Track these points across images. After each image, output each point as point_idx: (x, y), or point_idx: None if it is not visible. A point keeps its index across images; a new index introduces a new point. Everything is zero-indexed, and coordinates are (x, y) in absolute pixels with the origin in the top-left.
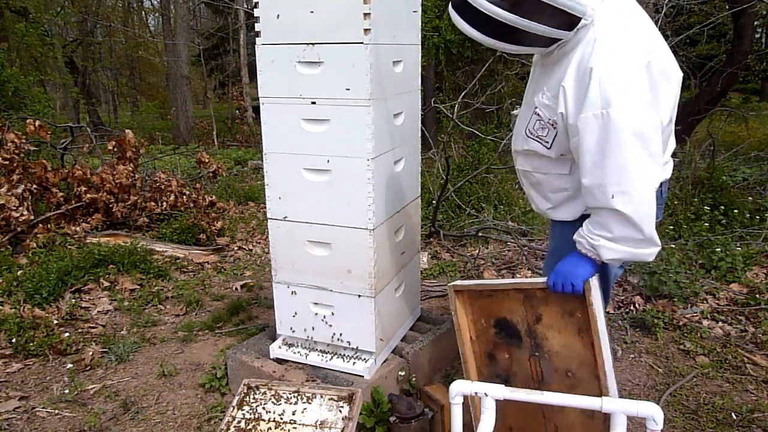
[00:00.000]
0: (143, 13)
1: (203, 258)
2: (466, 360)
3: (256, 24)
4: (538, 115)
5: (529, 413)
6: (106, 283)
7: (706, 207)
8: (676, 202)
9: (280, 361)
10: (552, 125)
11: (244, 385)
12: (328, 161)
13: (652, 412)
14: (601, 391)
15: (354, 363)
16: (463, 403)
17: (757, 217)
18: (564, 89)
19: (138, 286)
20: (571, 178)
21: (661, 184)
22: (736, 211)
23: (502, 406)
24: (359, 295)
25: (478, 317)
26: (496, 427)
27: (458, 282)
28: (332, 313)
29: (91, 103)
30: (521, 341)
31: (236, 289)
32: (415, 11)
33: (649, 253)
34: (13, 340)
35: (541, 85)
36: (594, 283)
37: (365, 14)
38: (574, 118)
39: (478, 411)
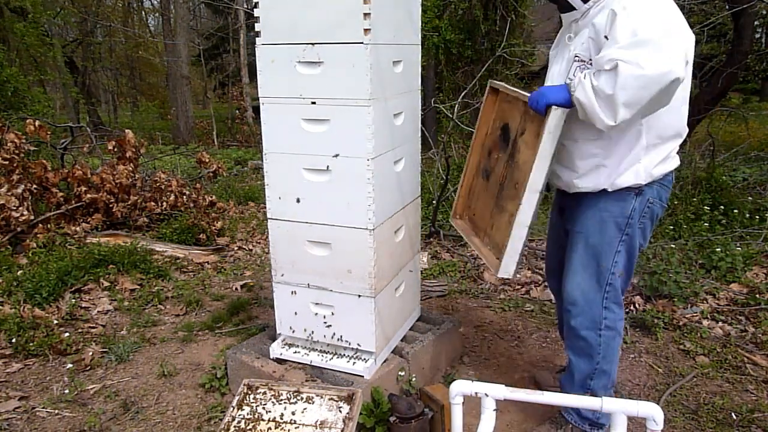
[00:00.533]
0: (143, 13)
1: (203, 258)
2: (473, 150)
3: (256, 24)
4: (581, 60)
5: (486, 209)
6: (106, 283)
7: (705, 207)
8: (676, 202)
9: (280, 361)
10: (590, 62)
11: (244, 385)
12: (327, 166)
13: (652, 412)
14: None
15: (354, 363)
16: (462, 403)
17: (757, 217)
18: (594, 24)
19: (138, 286)
20: (601, 143)
21: (668, 173)
22: (736, 211)
23: (476, 196)
24: (359, 295)
25: (496, 117)
26: (466, 212)
27: (497, 82)
28: (332, 313)
29: (91, 103)
30: (507, 147)
31: (236, 289)
32: (415, 11)
33: (600, 117)
34: (13, 340)
35: (576, 44)
36: (557, 112)
37: (365, 14)
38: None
39: None
